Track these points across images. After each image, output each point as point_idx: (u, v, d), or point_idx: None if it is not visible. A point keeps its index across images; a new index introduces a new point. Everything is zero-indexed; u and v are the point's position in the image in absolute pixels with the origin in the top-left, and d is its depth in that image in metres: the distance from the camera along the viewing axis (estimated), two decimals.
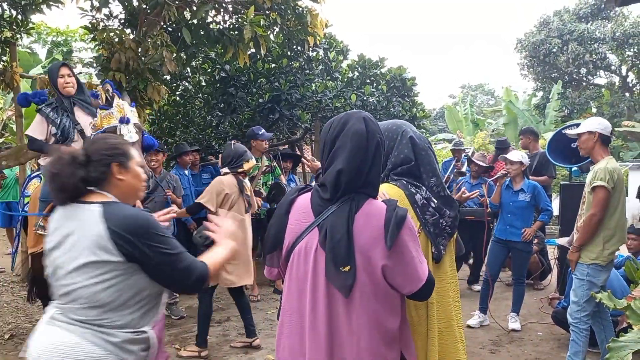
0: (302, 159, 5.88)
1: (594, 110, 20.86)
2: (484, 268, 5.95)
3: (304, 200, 1.76)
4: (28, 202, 4.37)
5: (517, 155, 5.21)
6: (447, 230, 2.05)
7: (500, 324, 5.06)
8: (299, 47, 7.24)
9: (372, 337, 1.64)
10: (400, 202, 1.92)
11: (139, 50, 5.45)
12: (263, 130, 5.97)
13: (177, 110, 8.30)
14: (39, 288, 4.63)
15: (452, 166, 7.00)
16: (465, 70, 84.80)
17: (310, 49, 7.11)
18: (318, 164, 4.54)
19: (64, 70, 4.05)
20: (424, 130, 8.27)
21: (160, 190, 5.19)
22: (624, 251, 5.70)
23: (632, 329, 2.92)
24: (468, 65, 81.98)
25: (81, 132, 4.02)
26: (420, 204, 1.99)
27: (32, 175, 4.61)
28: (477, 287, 6.19)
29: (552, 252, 6.81)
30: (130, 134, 3.55)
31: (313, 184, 2.00)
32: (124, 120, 3.59)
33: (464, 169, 6.47)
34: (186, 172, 6.35)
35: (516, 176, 5.13)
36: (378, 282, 1.64)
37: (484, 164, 6.42)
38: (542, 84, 21.23)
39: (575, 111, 20.16)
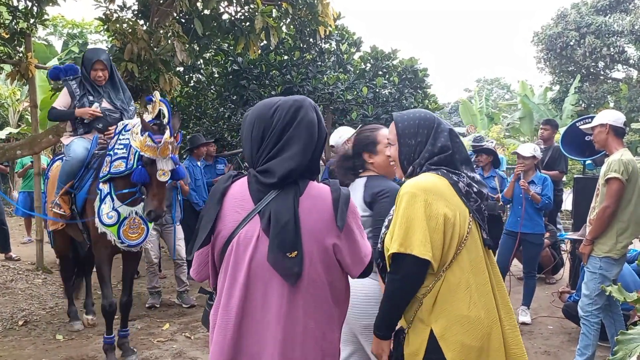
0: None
1: (612, 104, 20.53)
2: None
3: (240, 187, 1.66)
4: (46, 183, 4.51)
5: (529, 149, 5.13)
6: (486, 214, 2.02)
7: None
8: (311, 39, 7.21)
9: (318, 327, 1.60)
10: (450, 192, 1.91)
11: (151, 40, 5.48)
12: None
13: (190, 102, 8.34)
14: (64, 264, 4.77)
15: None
16: (482, 64, 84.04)
17: (322, 40, 7.09)
18: None
19: (98, 65, 4.18)
20: None
21: None
22: (637, 246, 5.64)
23: None
24: (485, 59, 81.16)
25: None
26: (465, 192, 1.94)
27: (55, 158, 4.70)
28: None
29: (565, 246, 6.74)
30: (165, 171, 3.57)
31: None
32: (175, 160, 3.62)
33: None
34: (199, 163, 6.39)
35: (529, 169, 5.08)
36: (329, 266, 1.61)
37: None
38: (559, 77, 20.91)
39: (592, 105, 19.85)
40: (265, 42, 5.88)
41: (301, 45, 7.35)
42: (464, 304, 1.85)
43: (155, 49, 5.49)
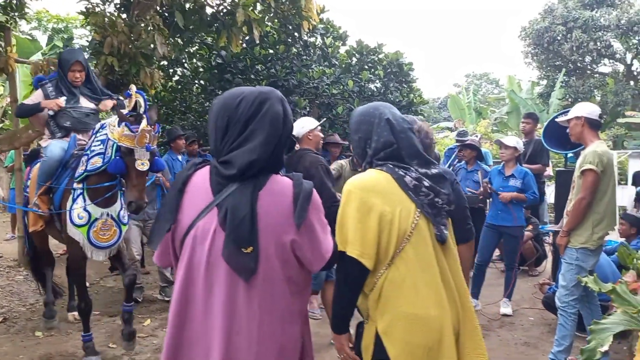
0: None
1: (598, 99, 20.68)
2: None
3: (202, 177, 1.64)
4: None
5: (513, 140, 5.18)
6: (445, 208, 1.97)
7: (493, 309, 5.07)
8: (295, 33, 7.19)
9: (275, 321, 1.58)
10: (391, 187, 1.89)
11: (132, 34, 5.44)
12: None
13: (174, 97, 8.29)
14: (36, 264, 4.69)
15: (454, 155, 6.96)
16: (471, 60, 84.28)
17: (307, 34, 7.07)
18: None
19: (76, 67, 4.23)
20: (423, 117, 8.22)
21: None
22: (615, 237, 5.69)
23: None
24: (474, 55, 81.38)
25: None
26: (412, 186, 1.91)
27: (36, 161, 4.67)
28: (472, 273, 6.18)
29: (549, 238, 6.79)
30: (144, 161, 3.54)
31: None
32: (148, 149, 3.57)
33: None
34: (179, 157, 6.34)
35: (509, 161, 5.11)
36: (286, 262, 1.58)
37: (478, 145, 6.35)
38: (546, 72, 21.01)
39: (579, 100, 19.93)
40: (248, 35, 5.83)
41: (286, 39, 7.32)
42: (409, 300, 1.84)
43: (135, 42, 5.45)
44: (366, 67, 7.70)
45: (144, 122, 3.47)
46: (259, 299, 1.55)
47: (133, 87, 3.66)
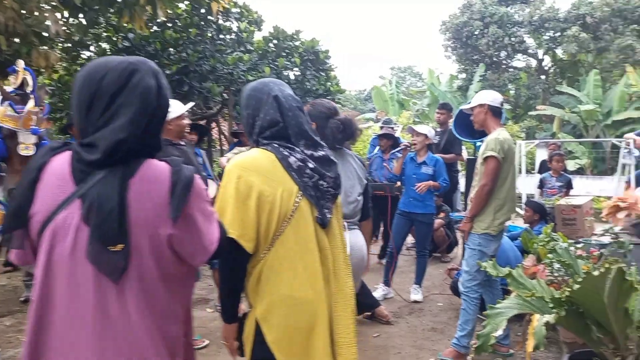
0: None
1: (513, 92, 21.70)
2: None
3: (61, 164, 1.41)
4: None
5: (424, 128, 5.22)
6: (331, 191, 1.91)
7: (404, 295, 5.10)
8: (209, 16, 6.91)
9: (153, 323, 1.42)
10: (273, 167, 1.80)
11: (23, 11, 4.97)
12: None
13: None
14: None
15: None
16: (399, 52, 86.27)
17: (219, 17, 6.81)
18: None
19: None
20: (341, 106, 8.19)
21: None
22: (521, 223, 5.91)
23: None
24: (402, 47, 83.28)
25: None
26: (296, 167, 1.83)
27: None
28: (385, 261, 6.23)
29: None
30: (28, 145, 3.19)
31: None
32: (35, 132, 3.21)
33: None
34: None
35: (420, 149, 5.14)
36: (162, 258, 1.41)
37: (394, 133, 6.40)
38: (465, 65, 21.80)
39: None
40: (153, 16, 5.50)
41: (199, 22, 7.02)
42: (288, 283, 1.78)
43: (27, 19, 4.99)
44: (283, 54, 7.55)
45: (31, 103, 3.17)
46: (133, 300, 1.36)
47: (20, 63, 3.33)
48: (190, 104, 4.25)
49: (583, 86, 17.86)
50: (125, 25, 6.69)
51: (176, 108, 3.67)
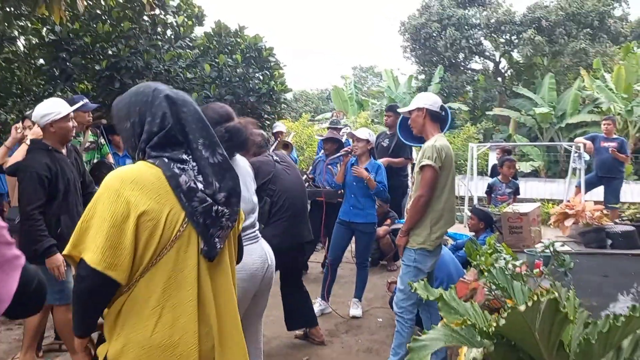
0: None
1: (470, 94, 21.82)
2: None
3: None
4: None
5: (365, 132, 4.91)
6: (226, 216, 1.61)
7: (344, 310, 4.80)
8: (144, 10, 6.44)
9: None
10: (159, 185, 1.52)
11: None
12: (86, 100, 5.17)
13: (4, 76, 7.15)
14: None
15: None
16: (362, 52, 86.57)
17: (158, 9, 6.36)
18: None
19: None
20: (286, 106, 7.82)
21: None
22: (463, 231, 5.69)
23: None
24: (365, 46, 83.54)
25: None
26: (186, 188, 1.53)
27: None
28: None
29: None
30: None
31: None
32: None
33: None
34: None
35: (362, 155, 4.84)
36: None
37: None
38: (424, 67, 21.78)
39: (453, 95, 20.91)
40: (72, 7, 5.02)
41: (133, 15, 6.54)
42: (149, 324, 1.50)
43: None
44: (227, 50, 7.13)
45: None
46: None
47: None
48: (79, 104, 3.83)
49: (539, 89, 18.04)
50: (49, 16, 6.18)
51: (59, 108, 3.24)
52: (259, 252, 2.66)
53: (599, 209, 5.54)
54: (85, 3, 4.91)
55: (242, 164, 2.71)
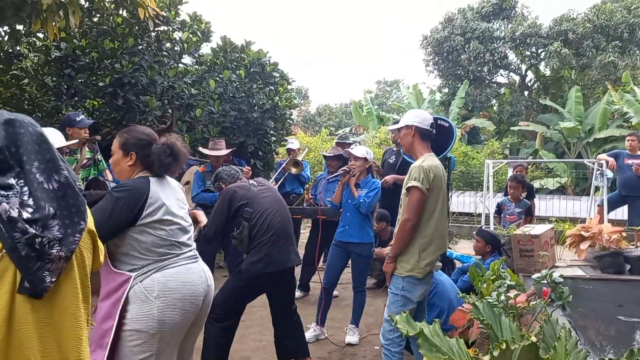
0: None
1: (495, 108, 21.35)
2: None
3: None
4: None
5: (362, 150, 4.71)
6: (60, 245, 1.43)
7: (340, 336, 4.57)
8: (149, 26, 6.42)
9: None
10: None
11: None
12: (82, 117, 5.14)
13: (13, 93, 7.21)
14: None
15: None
16: (368, 61, 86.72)
17: (157, 26, 6.32)
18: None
19: None
20: (291, 122, 7.67)
21: None
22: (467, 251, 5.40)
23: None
24: (389, 60, 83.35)
25: None
26: (7, 218, 1.35)
27: None
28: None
29: None
30: None
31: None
32: None
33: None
34: None
35: (360, 173, 4.63)
36: None
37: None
38: (447, 80, 21.44)
39: (476, 108, 20.51)
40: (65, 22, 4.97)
41: (138, 31, 6.53)
42: None
43: None
44: (232, 66, 7.05)
45: None
46: None
47: None
48: (73, 142, 3.88)
49: (566, 103, 17.51)
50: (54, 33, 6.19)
51: (54, 140, 3.20)
52: (199, 273, 2.49)
53: (617, 231, 5.19)
54: (78, 21, 4.85)
55: (174, 185, 2.60)
